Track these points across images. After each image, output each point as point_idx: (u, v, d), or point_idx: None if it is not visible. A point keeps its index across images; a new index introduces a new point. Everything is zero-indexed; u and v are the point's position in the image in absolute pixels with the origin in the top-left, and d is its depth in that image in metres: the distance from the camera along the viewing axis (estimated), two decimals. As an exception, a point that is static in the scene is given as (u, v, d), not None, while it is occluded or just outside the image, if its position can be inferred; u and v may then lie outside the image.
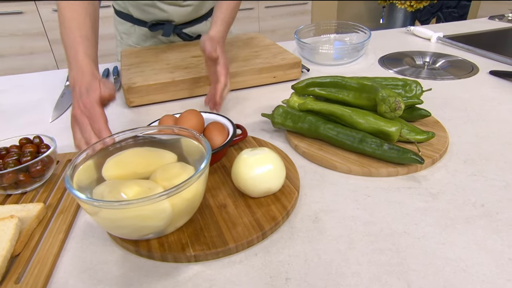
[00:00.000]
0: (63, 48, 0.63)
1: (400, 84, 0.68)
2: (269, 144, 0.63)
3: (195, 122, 0.58)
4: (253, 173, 0.47)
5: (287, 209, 0.48)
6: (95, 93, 0.55)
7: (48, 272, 0.42)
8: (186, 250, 0.43)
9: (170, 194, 0.38)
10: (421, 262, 0.41)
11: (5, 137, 0.72)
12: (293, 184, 0.52)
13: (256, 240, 0.44)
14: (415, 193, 0.52)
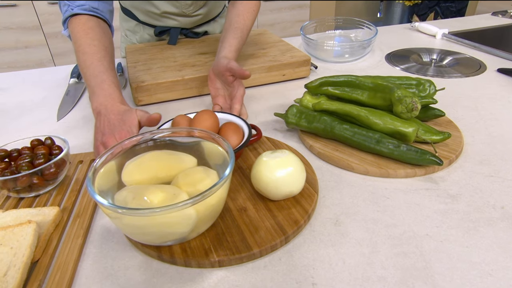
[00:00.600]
0: (84, 77, 0.64)
1: (414, 84, 0.67)
2: (284, 145, 0.62)
3: (210, 122, 0.57)
4: (274, 176, 0.47)
5: (308, 212, 0.47)
6: (133, 123, 0.57)
7: (69, 279, 0.41)
8: (210, 255, 0.42)
9: (196, 201, 0.38)
10: (446, 266, 0.41)
11: (9, 137, 0.71)
12: (312, 186, 0.52)
13: (280, 245, 0.44)
14: (434, 195, 0.52)
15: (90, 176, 0.42)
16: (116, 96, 0.61)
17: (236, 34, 0.76)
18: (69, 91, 0.87)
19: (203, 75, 0.81)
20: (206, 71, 0.82)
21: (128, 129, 0.56)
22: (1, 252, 0.42)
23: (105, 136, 0.55)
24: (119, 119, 0.57)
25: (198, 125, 0.56)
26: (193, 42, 1.02)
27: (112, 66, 0.66)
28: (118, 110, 0.58)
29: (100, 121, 0.58)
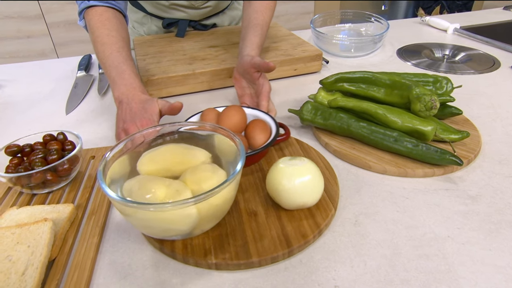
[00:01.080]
0: (103, 67, 0.65)
1: (431, 81, 0.66)
2: (312, 150, 0.58)
3: (237, 118, 0.56)
4: (288, 185, 0.44)
5: (320, 227, 0.44)
6: (154, 111, 0.58)
7: (87, 279, 0.40)
8: (208, 257, 0.41)
9: (197, 201, 0.37)
10: (470, 269, 0.41)
11: (18, 130, 0.70)
12: (331, 198, 0.49)
13: (282, 257, 0.42)
14: (453, 195, 0.51)
15: (101, 168, 0.41)
16: (137, 85, 0.62)
17: (256, 31, 0.75)
18: (77, 84, 0.86)
19: (214, 69, 0.79)
20: (217, 65, 0.81)
21: (149, 117, 0.57)
22: (19, 251, 0.41)
23: (127, 123, 0.57)
24: (141, 108, 0.58)
25: (226, 120, 0.55)
26: (201, 34, 1.00)
27: (130, 57, 0.66)
28: (139, 99, 0.59)
29: (122, 109, 0.59)
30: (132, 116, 0.57)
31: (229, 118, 0.56)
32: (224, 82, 0.82)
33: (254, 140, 0.55)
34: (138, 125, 0.56)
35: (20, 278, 0.39)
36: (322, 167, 0.54)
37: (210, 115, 0.58)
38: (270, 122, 0.59)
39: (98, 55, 0.66)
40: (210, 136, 0.49)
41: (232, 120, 0.56)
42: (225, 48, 0.90)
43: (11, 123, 0.73)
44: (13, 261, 0.40)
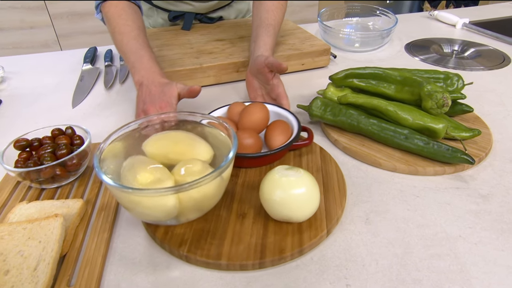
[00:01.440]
0: (122, 54, 0.69)
1: (442, 78, 0.65)
2: (332, 163, 0.54)
3: (260, 115, 0.55)
4: (276, 196, 0.42)
5: (302, 247, 0.41)
6: (173, 95, 0.60)
7: (99, 275, 0.40)
8: (182, 247, 0.42)
9: (171, 192, 0.39)
10: (482, 270, 0.40)
11: (25, 124, 0.70)
12: (328, 216, 0.45)
13: (251, 267, 0.41)
14: (464, 194, 0.51)
15: (98, 155, 0.43)
16: (156, 69, 0.64)
17: (269, 32, 0.73)
18: (83, 77, 0.85)
19: (221, 63, 0.79)
20: (224, 59, 0.80)
21: (168, 100, 0.59)
22: (30, 246, 0.41)
23: (146, 104, 0.59)
24: (160, 91, 0.60)
25: (248, 117, 0.55)
26: (208, 27, 0.99)
27: (147, 43, 0.69)
28: (159, 82, 0.62)
29: (142, 91, 0.61)
30: (152, 98, 0.59)
31: (252, 115, 0.55)
32: (231, 76, 0.81)
33: (273, 141, 0.54)
34: (157, 107, 0.58)
35: (32, 273, 0.39)
36: (334, 182, 0.50)
37: (237, 109, 0.58)
38: (294, 124, 0.57)
39: (116, 44, 0.69)
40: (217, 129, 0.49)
41: (254, 117, 0.55)
42: (232, 41, 0.89)
43: (18, 116, 0.73)
44: (24, 256, 0.40)
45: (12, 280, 0.38)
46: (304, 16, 2.83)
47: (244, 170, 0.54)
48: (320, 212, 0.46)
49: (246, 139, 0.53)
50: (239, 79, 0.82)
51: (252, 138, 0.53)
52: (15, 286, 0.38)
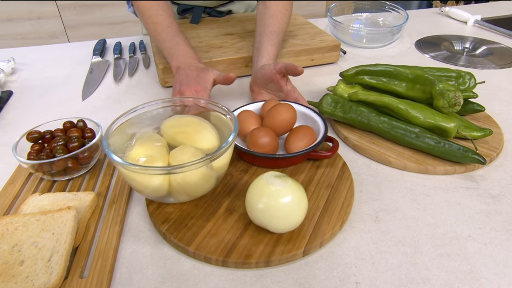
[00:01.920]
0: (157, 42, 0.72)
1: (454, 76, 0.65)
2: (348, 180, 0.50)
3: (285, 117, 0.54)
4: (256, 201, 0.41)
5: (269, 259, 0.40)
6: (208, 80, 0.63)
7: (111, 267, 0.41)
8: (163, 225, 0.44)
9: (153, 172, 0.41)
10: (492, 271, 0.40)
11: (37, 115, 0.70)
12: (315, 234, 0.42)
13: (214, 262, 0.41)
14: (475, 194, 0.51)
15: (106, 139, 0.45)
16: (193, 54, 0.68)
17: (273, 40, 0.72)
18: (92, 69, 0.86)
19: (231, 57, 0.79)
20: (233, 54, 0.80)
21: (203, 85, 0.62)
22: (44, 237, 0.41)
23: (183, 86, 0.62)
24: (196, 75, 0.63)
25: (275, 117, 0.55)
26: (217, 21, 0.99)
27: (180, 30, 0.72)
28: (196, 67, 0.65)
29: (179, 74, 0.65)
30: (188, 81, 0.62)
31: (280, 115, 0.54)
32: (241, 71, 0.81)
33: (291, 145, 0.53)
34: (192, 90, 0.61)
35: (46, 264, 0.39)
36: (339, 203, 0.47)
37: (269, 104, 0.58)
38: (320, 131, 0.55)
39: (151, 33, 0.73)
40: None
41: (282, 117, 0.54)
42: (241, 36, 0.89)
43: (29, 108, 0.73)
44: (39, 248, 0.41)
45: (27, 270, 0.39)
46: (312, 10, 2.81)
47: (255, 168, 0.54)
48: (306, 230, 0.43)
49: (261, 138, 0.52)
50: (248, 74, 0.82)
51: (268, 137, 0.52)
52: (30, 276, 0.38)
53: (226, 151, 0.43)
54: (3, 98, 0.75)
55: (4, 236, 0.42)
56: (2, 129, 0.67)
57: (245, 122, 0.57)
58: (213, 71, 0.64)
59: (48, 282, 0.38)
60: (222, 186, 0.50)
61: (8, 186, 0.52)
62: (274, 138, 0.53)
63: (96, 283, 0.39)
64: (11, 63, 0.86)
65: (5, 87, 0.81)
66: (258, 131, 0.53)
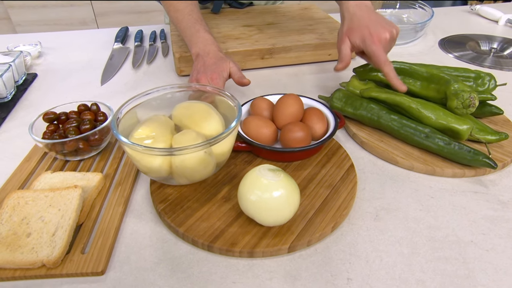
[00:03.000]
0: (179, 30, 0.73)
1: (472, 77, 0.63)
2: (354, 181, 0.50)
3: (296, 107, 0.55)
4: (247, 193, 0.41)
5: (253, 250, 0.40)
6: (225, 69, 0.63)
7: (111, 245, 0.43)
8: (160, 205, 0.46)
9: (152, 152, 0.43)
10: (491, 278, 0.39)
11: (57, 97, 0.73)
12: (302, 234, 0.42)
13: (200, 246, 0.42)
14: (483, 199, 0.49)
15: (114, 119, 0.47)
16: (212, 42, 0.68)
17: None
18: (113, 56, 0.88)
19: (247, 49, 0.79)
20: (250, 45, 0.80)
21: (219, 73, 0.62)
22: (50, 213, 0.44)
23: (200, 74, 0.63)
24: (213, 63, 0.64)
25: (283, 110, 0.55)
26: (237, 12, 0.99)
27: (201, 18, 0.73)
28: (214, 55, 0.65)
29: (197, 61, 0.66)
30: (205, 68, 0.63)
31: (288, 108, 0.55)
32: (256, 63, 0.81)
33: (313, 130, 0.54)
34: (208, 78, 0.62)
35: (50, 238, 0.41)
36: (336, 204, 0.46)
37: (262, 104, 0.58)
38: (325, 111, 0.58)
39: (173, 20, 0.74)
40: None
41: (290, 109, 0.55)
42: (259, 28, 0.89)
43: (51, 90, 0.76)
44: (45, 222, 0.43)
45: (33, 242, 0.41)
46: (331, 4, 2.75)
47: (260, 160, 0.54)
48: (297, 227, 0.43)
49: (297, 132, 0.52)
50: (264, 66, 0.82)
51: (303, 132, 0.52)
52: (35, 248, 0.40)
53: (225, 137, 0.44)
54: (28, 80, 0.79)
55: (15, 209, 0.44)
56: (25, 109, 0.70)
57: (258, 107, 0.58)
58: (231, 63, 0.64)
59: (51, 255, 0.40)
60: (224, 174, 0.51)
61: (24, 163, 0.55)
62: (307, 127, 0.53)
63: (95, 259, 0.41)
64: (38, 47, 0.89)
65: (31, 69, 0.84)
66: (293, 126, 0.53)
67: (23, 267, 0.39)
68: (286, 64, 0.83)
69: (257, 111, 0.58)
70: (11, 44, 0.90)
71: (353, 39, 0.60)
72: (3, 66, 0.71)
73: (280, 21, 0.93)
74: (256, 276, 0.40)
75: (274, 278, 0.40)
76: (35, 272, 0.39)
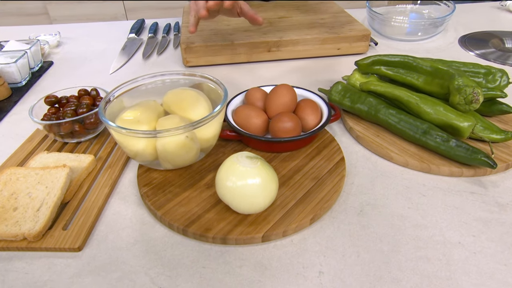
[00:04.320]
0: None
1: (482, 72, 0.59)
2: (341, 174, 0.48)
3: (288, 98, 0.55)
4: (222, 178, 0.41)
5: (226, 236, 0.40)
6: None
7: (91, 224, 0.44)
8: (143, 188, 0.47)
9: (134, 135, 0.43)
10: (473, 281, 0.37)
11: (69, 83, 0.76)
12: (278, 225, 0.41)
13: (176, 230, 0.42)
14: (479, 200, 0.46)
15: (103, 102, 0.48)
16: None
17: None
18: (126, 46, 0.90)
19: (253, 41, 0.78)
20: (257, 38, 0.79)
21: None
22: (38, 189, 0.45)
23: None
24: None
25: (276, 100, 0.55)
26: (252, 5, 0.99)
27: None
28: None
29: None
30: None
31: (281, 97, 0.54)
32: (262, 55, 0.80)
33: (306, 120, 0.53)
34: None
35: (34, 213, 0.43)
36: (318, 196, 0.45)
37: (256, 94, 0.58)
38: (320, 102, 0.57)
39: None
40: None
41: (282, 99, 0.54)
42: (270, 21, 0.88)
43: (64, 77, 0.79)
44: (32, 198, 0.45)
45: (18, 216, 0.43)
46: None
47: (249, 150, 0.54)
48: (274, 216, 0.42)
49: (286, 123, 0.51)
50: (271, 59, 0.81)
51: (292, 122, 0.51)
52: (19, 221, 0.42)
53: (208, 122, 0.44)
54: (44, 68, 0.82)
55: (6, 184, 0.46)
56: (36, 94, 0.73)
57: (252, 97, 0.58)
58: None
59: (32, 229, 0.41)
60: (211, 162, 0.51)
61: (26, 143, 0.57)
62: (297, 118, 0.52)
63: (74, 236, 0.42)
64: (57, 36, 0.93)
65: (48, 57, 0.88)
66: (282, 116, 0.52)
67: (6, 238, 0.41)
68: (294, 57, 0.82)
69: (251, 101, 0.57)
70: (33, 34, 0.94)
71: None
72: (19, 53, 0.75)
73: (292, 15, 0.91)
74: (227, 262, 0.39)
75: (244, 266, 0.39)
76: (16, 244, 0.41)
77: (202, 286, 0.37)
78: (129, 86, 0.52)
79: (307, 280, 0.37)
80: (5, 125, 0.64)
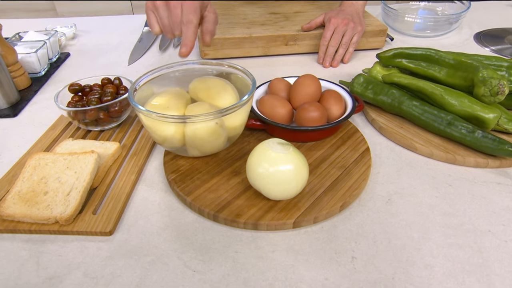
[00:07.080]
0: None
1: (505, 66, 0.59)
2: (368, 164, 0.48)
3: (313, 88, 0.55)
4: (254, 165, 0.41)
5: (257, 222, 0.40)
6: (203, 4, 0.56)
7: (121, 209, 0.44)
8: (171, 175, 0.47)
9: (163, 119, 0.43)
10: (507, 268, 0.37)
11: (87, 74, 0.76)
12: (309, 211, 0.41)
13: (206, 215, 0.43)
14: (506, 191, 0.46)
15: (132, 89, 0.48)
16: None
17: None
18: (141, 39, 0.91)
19: (271, 34, 0.79)
20: (275, 31, 0.80)
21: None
22: (67, 174, 0.45)
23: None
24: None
25: (301, 90, 0.55)
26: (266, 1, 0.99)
27: None
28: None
29: None
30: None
31: (305, 88, 0.55)
32: (280, 49, 0.81)
33: (330, 111, 0.53)
34: None
35: (65, 197, 0.43)
36: (347, 184, 0.45)
37: (280, 85, 0.58)
38: (343, 93, 0.57)
39: None
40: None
41: (307, 90, 0.55)
42: (286, 16, 0.88)
43: (81, 68, 0.80)
44: (61, 182, 0.45)
45: (49, 200, 0.43)
46: None
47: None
48: (304, 203, 0.42)
49: (312, 112, 0.51)
50: (288, 53, 0.82)
51: (318, 111, 0.52)
52: (51, 205, 0.42)
53: (237, 109, 0.44)
54: (61, 59, 0.82)
55: (35, 169, 0.46)
56: (55, 84, 0.74)
57: (275, 88, 0.58)
58: (208, 9, 0.56)
59: (64, 213, 0.41)
60: (237, 150, 0.51)
61: (50, 131, 0.57)
62: (324, 108, 0.53)
63: (105, 220, 0.42)
64: (73, 28, 0.94)
65: (65, 49, 0.88)
66: (309, 106, 0.52)
67: (38, 221, 0.41)
68: (311, 51, 0.82)
69: (275, 92, 0.58)
70: (50, 26, 0.94)
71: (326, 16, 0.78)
72: (39, 43, 0.75)
73: (307, 10, 0.92)
74: (259, 247, 0.40)
75: (276, 251, 0.39)
76: (49, 227, 0.41)
77: (235, 270, 0.37)
78: (158, 73, 0.52)
79: (340, 265, 0.38)
80: (27, 113, 0.64)
